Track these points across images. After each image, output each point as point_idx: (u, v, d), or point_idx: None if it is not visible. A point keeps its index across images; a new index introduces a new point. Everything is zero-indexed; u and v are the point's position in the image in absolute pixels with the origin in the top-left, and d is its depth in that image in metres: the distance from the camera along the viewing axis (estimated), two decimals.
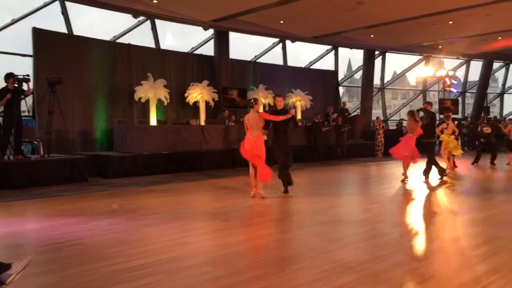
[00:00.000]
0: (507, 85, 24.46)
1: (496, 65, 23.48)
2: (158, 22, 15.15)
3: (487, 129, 13.39)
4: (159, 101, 13.50)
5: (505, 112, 25.40)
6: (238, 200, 7.55)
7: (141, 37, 15.46)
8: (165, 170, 11.49)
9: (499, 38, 17.56)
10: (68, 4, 13.22)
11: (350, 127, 16.27)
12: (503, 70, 23.70)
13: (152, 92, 13.27)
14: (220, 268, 3.92)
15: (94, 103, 13.16)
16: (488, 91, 24.06)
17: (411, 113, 9.90)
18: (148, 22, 14.98)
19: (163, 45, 15.64)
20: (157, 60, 14.63)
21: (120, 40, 14.56)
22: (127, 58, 13.93)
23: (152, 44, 15.21)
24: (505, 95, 24.66)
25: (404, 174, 9.51)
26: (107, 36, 14.55)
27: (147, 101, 13.35)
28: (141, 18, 14.64)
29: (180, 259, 4.14)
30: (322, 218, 5.98)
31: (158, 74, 13.82)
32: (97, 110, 13.21)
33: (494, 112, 25.00)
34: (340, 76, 21.01)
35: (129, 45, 14.16)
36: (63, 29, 13.23)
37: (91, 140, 13.01)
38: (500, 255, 4.20)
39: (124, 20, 14.31)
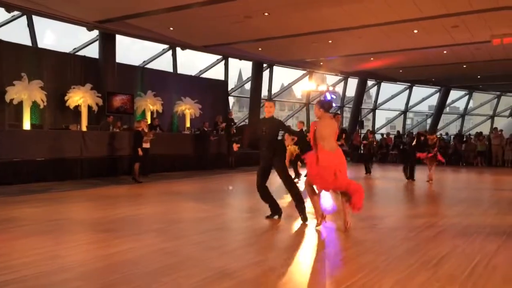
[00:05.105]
0: (378, 102, 27.10)
1: (370, 83, 25.87)
2: (36, 18, 14.02)
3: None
4: (34, 104, 12.49)
5: (377, 125, 28.09)
6: (120, 210, 7.27)
7: (16, 33, 14.20)
8: (40, 179, 10.66)
9: (371, 59, 19.41)
10: None
11: (240, 136, 16.60)
12: (376, 88, 26.21)
13: (26, 94, 12.24)
14: (92, 282, 3.73)
15: None
16: (362, 107, 26.42)
17: None
18: (25, 17, 13.81)
19: (41, 44, 14.54)
20: (33, 59, 13.54)
21: None
22: None
23: (28, 42, 14.04)
24: (377, 111, 27.27)
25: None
26: None
27: (20, 103, 12.27)
28: (16, 12, 13.43)
29: (49, 274, 3.85)
30: (206, 227, 6.01)
31: (33, 75, 12.81)
32: None
33: (368, 125, 27.48)
34: (231, 86, 21.44)
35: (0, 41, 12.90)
36: None
37: None
38: (365, 256, 4.60)
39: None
